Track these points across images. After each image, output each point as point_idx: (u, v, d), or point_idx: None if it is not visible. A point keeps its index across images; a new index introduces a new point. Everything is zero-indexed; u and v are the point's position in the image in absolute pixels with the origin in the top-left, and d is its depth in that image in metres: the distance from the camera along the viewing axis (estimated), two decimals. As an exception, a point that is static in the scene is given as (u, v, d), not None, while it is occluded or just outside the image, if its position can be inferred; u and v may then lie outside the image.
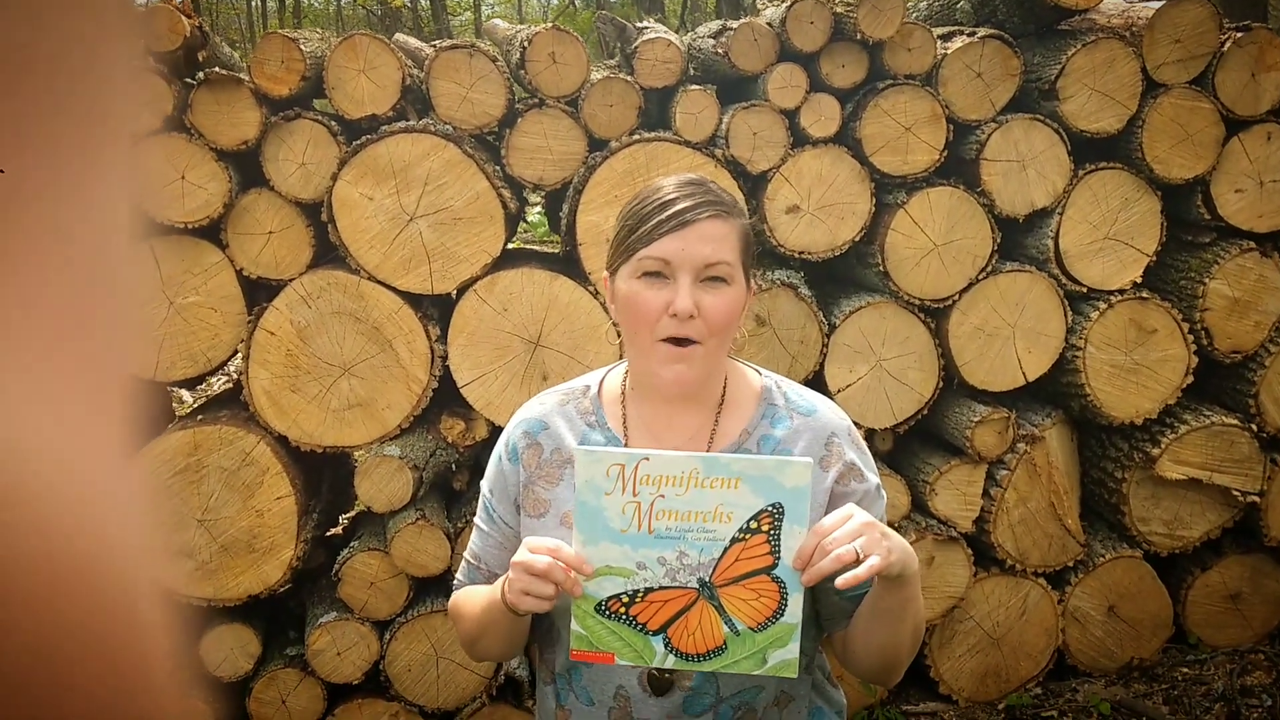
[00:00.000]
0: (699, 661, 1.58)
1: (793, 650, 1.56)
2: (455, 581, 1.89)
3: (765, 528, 1.53)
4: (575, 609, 1.56)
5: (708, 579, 1.55)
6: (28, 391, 0.29)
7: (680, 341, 1.63)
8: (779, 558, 1.54)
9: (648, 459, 1.54)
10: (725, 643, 1.56)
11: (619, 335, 1.77)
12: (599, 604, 1.56)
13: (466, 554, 1.87)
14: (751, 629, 1.56)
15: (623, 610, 1.56)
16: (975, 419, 3.15)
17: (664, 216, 1.63)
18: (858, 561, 1.49)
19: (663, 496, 1.53)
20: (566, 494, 1.73)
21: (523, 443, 1.79)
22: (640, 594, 1.56)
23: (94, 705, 0.28)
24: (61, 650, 0.28)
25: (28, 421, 0.28)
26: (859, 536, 1.51)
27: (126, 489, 0.31)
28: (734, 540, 1.54)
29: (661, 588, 1.55)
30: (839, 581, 1.50)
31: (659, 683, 1.71)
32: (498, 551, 1.81)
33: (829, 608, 1.75)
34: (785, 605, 1.55)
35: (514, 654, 1.83)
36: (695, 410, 1.75)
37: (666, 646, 1.57)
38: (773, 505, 1.53)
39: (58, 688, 0.27)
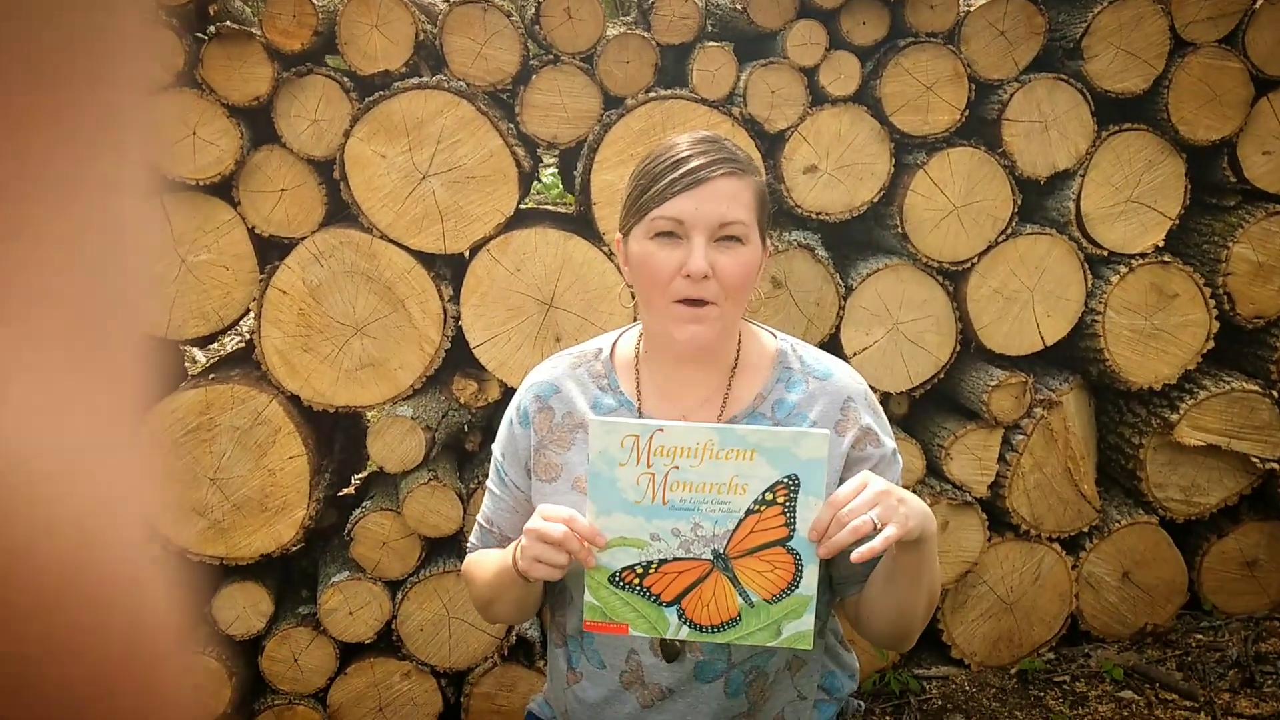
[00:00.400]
0: (713, 633, 1.57)
1: (807, 622, 1.55)
2: (469, 545, 1.89)
3: (781, 500, 1.52)
4: (588, 580, 1.56)
5: (722, 550, 1.55)
6: (33, 356, 0.28)
7: (695, 302, 1.60)
8: (794, 530, 1.53)
9: (663, 430, 1.52)
10: (739, 614, 1.56)
11: (633, 297, 1.74)
12: (612, 575, 1.56)
13: (479, 517, 1.87)
14: (766, 601, 1.55)
15: (636, 581, 1.56)
16: (992, 383, 3.12)
17: (677, 175, 1.59)
18: (875, 532, 1.48)
19: (677, 468, 1.52)
20: (578, 459, 1.72)
21: (534, 406, 1.77)
22: (654, 565, 1.55)
23: (94, 668, 0.28)
24: (63, 619, 0.27)
25: (31, 385, 0.28)
26: (875, 506, 1.48)
27: (131, 451, 0.31)
28: (749, 512, 1.53)
29: (675, 559, 1.55)
30: (854, 555, 1.48)
31: (670, 649, 1.70)
32: (510, 515, 1.80)
33: (843, 572, 1.74)
34: (800, 577, 1.54)
35: (527, 618, 1.83)
36: (709, 373, 1.73)
37: (680, 618, 1.57)
38: (788, 477, 1.51)
39: (58, 653, 0.27)
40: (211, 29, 2.79)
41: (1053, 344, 3.20)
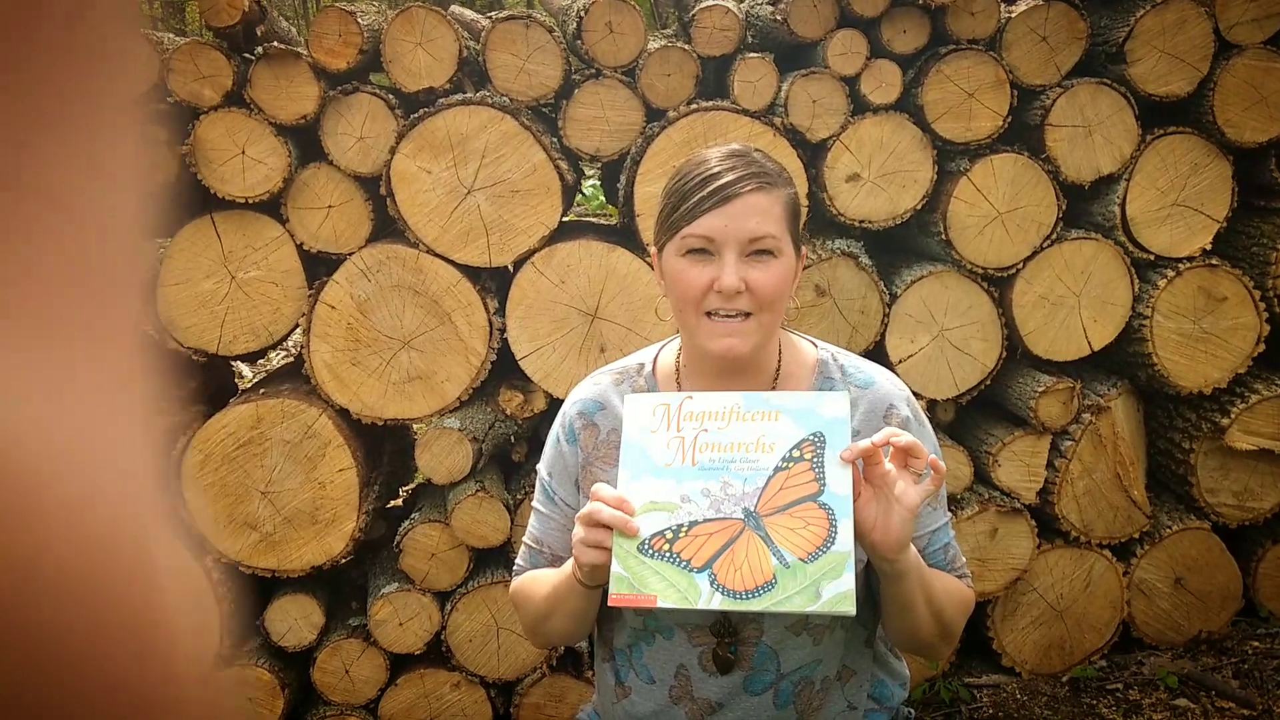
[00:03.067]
0: (747, 599, 1.48)
1: (847, 581, 1.46)
2: (516, 566, 1.87)
3: (809, 456, 1.53)
4: (616, 549, 1.51)
5: (753, 508, 1.53)
6: (28, 363, 0.28)
7: (729, 315, 1.61)
8: (824, 485, 1.51)
9: (691, 398, 1.57)
10: (775, 576, 1.48)
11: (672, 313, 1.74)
12: (642, 543, 1.52)
13: (526, 539, 1.85)
14: (802, 560, 1.48)
15: (666, 547, 1.51)
16: (1039, 389, 3.10)
17: (706, 193, 1.59)
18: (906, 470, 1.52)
19: (705, 430, 1.54)
20: None
21: (579, 423, 1.78)
22: (684, 528, 1.52)
23: (103, 674, 0.28)
24: (76, 631, 0.27)
25: (29, 394, 0.28)
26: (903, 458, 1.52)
27: (131, 457, 0.31)
28: (777, 469, 1.53)
29: (706, 520, 1.52)
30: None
31: (722, 660, 1.69)
32: (560, 534, 1.79)
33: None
34: (835, 533, 1.49)
35: (582, 635, 1.80)
36: (750, 385, 1.72)
37: (713, 584, 1.49)
38: (814, 434, 1.53)
39: (74, 667, 0.27)
40: (259, 50, 2.83)
41: (1100, 349, 3.18)
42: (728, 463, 1.53)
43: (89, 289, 0.31)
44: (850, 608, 1.47)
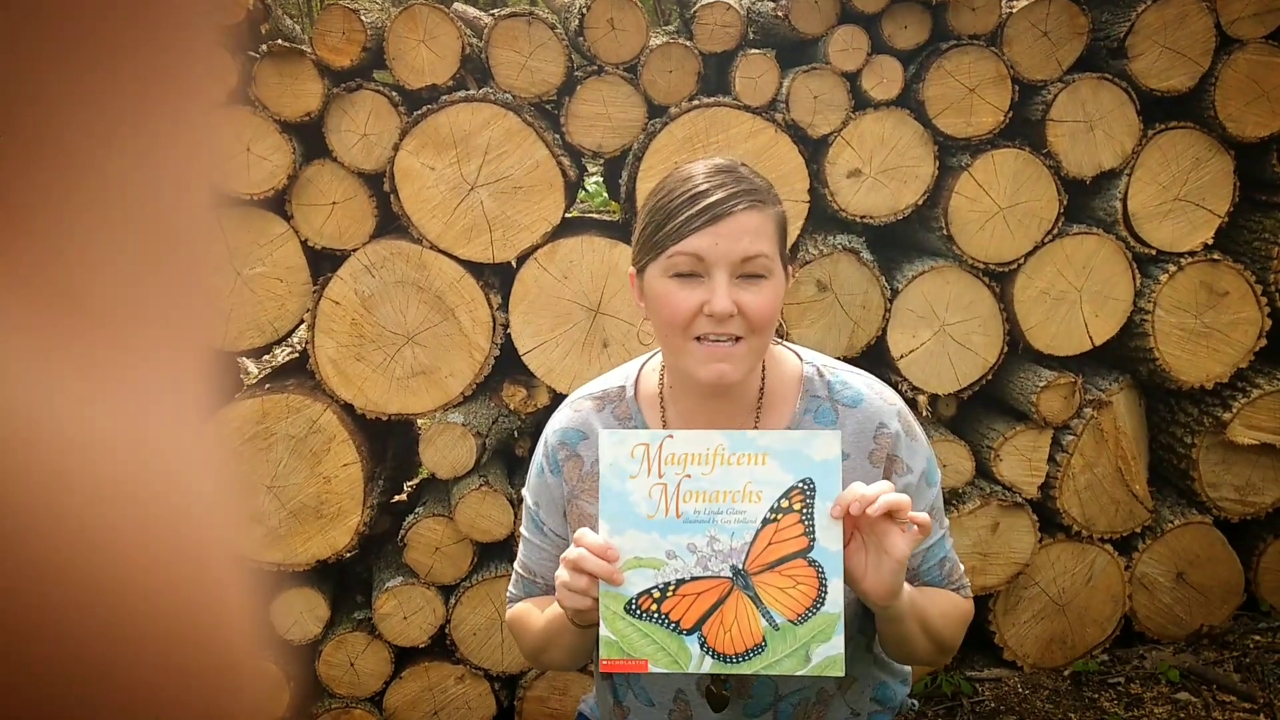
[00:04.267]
0: (737, 663, 1.47)
1: (837, 645, 1.45)
2: (510, 594, 1.83)
3: (798, 506, 1.46)
4: (604, 611, 1.47)
5: (741, 566, 1.47)
6: (101, 363, 0.29)
7: (719, 339, 1.53)
8: (814, 539, 1.46)
9: (671, 437, 1.48)
10: (764, 639, 1.46)
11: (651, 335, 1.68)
12: (629, 603, 1.47)
13: (518, 566, 1.81)
14: (791, 622, 1.46)
15: (654, 607, 1.47)
16: (1041, 384, 3.11)
17: (694, 211, 1.50)
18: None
19: (689, 476, 1.46)
20: None
21: (562, 453, 1.71)
22: (672, 587, 1.47)
23: (173, 665, 0.29)
24: (144, 618, 0.28)
25: (101, 393, 0.28)
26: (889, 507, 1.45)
27: (205, 457, 0.31)
28: (765, 521, 1.47)
29: (694, 578, 1.47)
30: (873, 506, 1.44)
31: (718, 699, 1.65)
32: (551, 564, 1.74)
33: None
34: (825, 593, 1.46)
35: (580, 664, 1.75)
36: (736, 405, 1.66)
37: (702, 647, 1.47)
38: (803, 481, 1.46)
39: (139, 650, 0.28)
40: (263, 47, 2.85)
41: (1101, 344, 3.19)
42: (714, 514, 1.47)
43: (166, 291, 0.31)
44: (840, 671, 1.47)
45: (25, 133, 0.28)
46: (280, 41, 2.87)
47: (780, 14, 3.00)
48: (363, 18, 2.85)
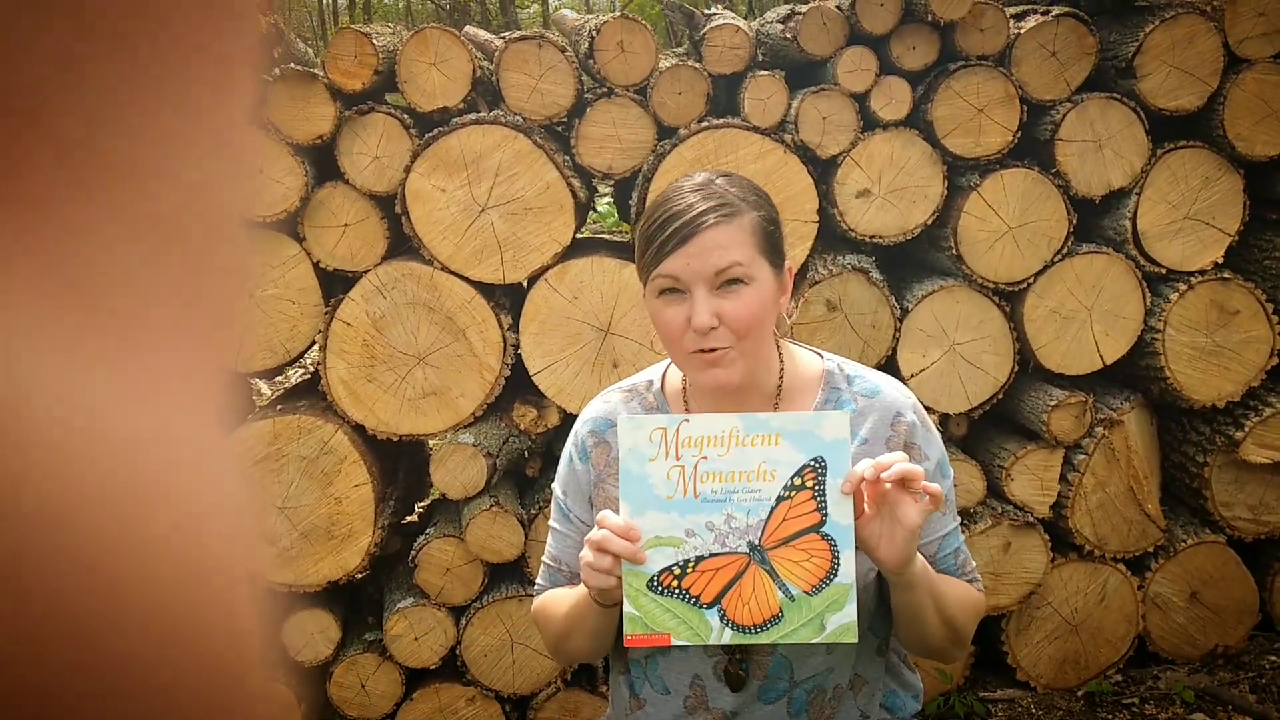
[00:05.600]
0: (756, 633, 1.56)
1: (850, 613, 1.54)
2: (536, 586, 1.88)
3: (810, 484, 1.54)
4: (626, 588, 1.55)
5: (757, 541, 1.55)
6: (123, 367, 0.28)
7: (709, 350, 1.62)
8: (826, 514, 1.54)
9: (688, 421, 1.56)
10: (781, 610, 1.55)
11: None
12: (650, 580, 1.55)
13: (545, 558, 1.87)
14: (806, 593, 1.55)
15: (674, 584, 1.55)
16: (1052, 403, 3.10)
17: (667, 234, 1.59)
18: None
19: (705, 458, 1.54)
20: None
21: (590, 440, 1.79)
22: (691, 563, 1.55)
23: (181, 680, 0.29)
24: (155, 630, 0.28)
25: (122, 396, 0.28)
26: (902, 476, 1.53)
27: (224, 470, 0.31)
28: (780, 499, 1.54)
29: (712, 555, 1.55)
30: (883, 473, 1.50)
31: (735, 678, 1.71)
32: (577, 551, 1.77)
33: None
34: (838, 564, 1.54)
35: (603, 652, 1.81)
36: (754, 402, 1.73)
37: (722, 620, 1.56)
38: (815, 460, 1.54)
39: (146, 663, 0.28)
40: (276, 70, 2.88)
41: (1112, 363, 3.18)
42: (730, 493, 1.54)
43: (195, 303, 0.31)
44: (853, 638, 1.55)
45: (59, 131, 0.27)
46: (293, 65, 2.89)
47: (789, 35, 3.02)
48: (375, 41, 2.88)
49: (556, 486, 1.85)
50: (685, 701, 1.75)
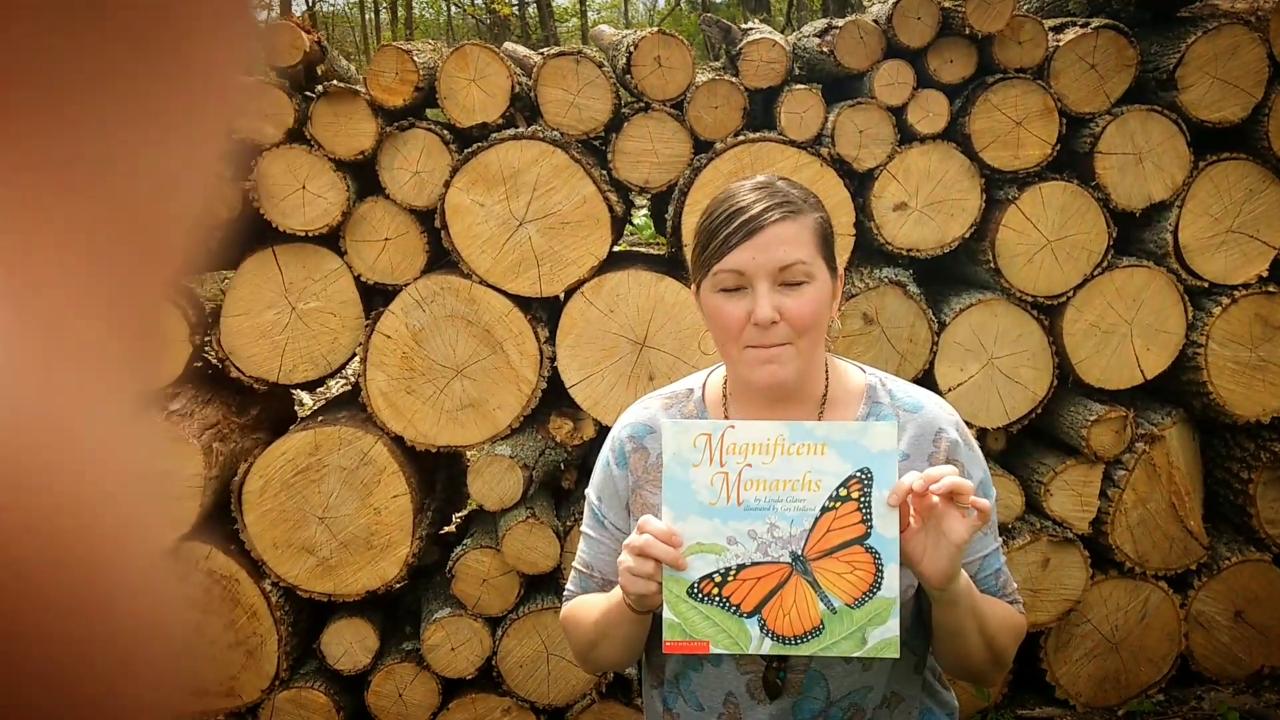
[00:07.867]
0: (796, 644, 1.53)
1: (892, 628, 1.51)
2: (566, 592, 1.88)
3: (855, 495, 1.51)
4: (667, 594, 1.53)
5: (800, 552, 1.53)
6: (30, 337, 0.27)
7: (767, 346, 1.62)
8: (871, 526, 1.51)
9: (733, 427, 1.54)
10: (822, 622, 1.52)
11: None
12: (691, 586, 1.53)
13: (576, 564, 1.86)
14: (848, 605, 1.52)
15: (715, 591, 1.53)
16: (1091, 418, 3.08)
17: (732, 228, 1.61)
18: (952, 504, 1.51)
19: (750, 465, 1.52)
20: None
21: (629, 446, 1.79)
22: (733, 571, 1.53)
23: (58, 669, 0.26)
24: (48, 647, 0.26)
25: (22, 365, 0.26)
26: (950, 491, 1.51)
27: (126, 447, 0.29)
28: (824, 509, 1.52)
29: (754, 563, 1.53)
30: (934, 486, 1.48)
31: (771, 686, 1.70)
32: (610, 558, 1.78)
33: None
34: (881, 578, 1.51)
35: (631, 661, 1.81)
36: (797, 411, 1.72)
37: (762, 629, 1.53)
38: (861, 471, 1.51)
39: (39, 670, 0.26)
40: (319, 88, 2.93)
41: (1153, 377, 3.15)
42: (774, 502, 1.52)
43: (125, 279, 0.30)
44: (895, 653, 1.52)
45: (16, 119, 0.27)
46: (336, 82, 2.94)
47: (825, 50, 3.02)
48: (415, 58, 2.92)
49: (591, 492, 1.84)
50: (719, 718, 1.74)
